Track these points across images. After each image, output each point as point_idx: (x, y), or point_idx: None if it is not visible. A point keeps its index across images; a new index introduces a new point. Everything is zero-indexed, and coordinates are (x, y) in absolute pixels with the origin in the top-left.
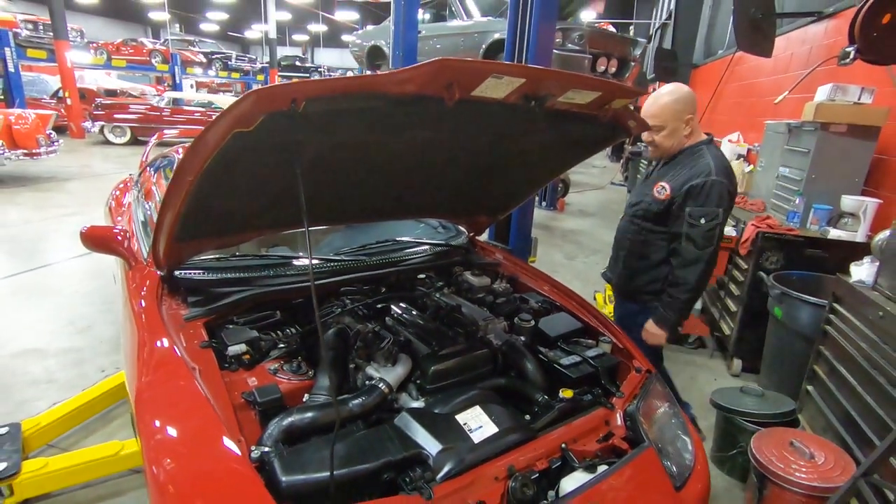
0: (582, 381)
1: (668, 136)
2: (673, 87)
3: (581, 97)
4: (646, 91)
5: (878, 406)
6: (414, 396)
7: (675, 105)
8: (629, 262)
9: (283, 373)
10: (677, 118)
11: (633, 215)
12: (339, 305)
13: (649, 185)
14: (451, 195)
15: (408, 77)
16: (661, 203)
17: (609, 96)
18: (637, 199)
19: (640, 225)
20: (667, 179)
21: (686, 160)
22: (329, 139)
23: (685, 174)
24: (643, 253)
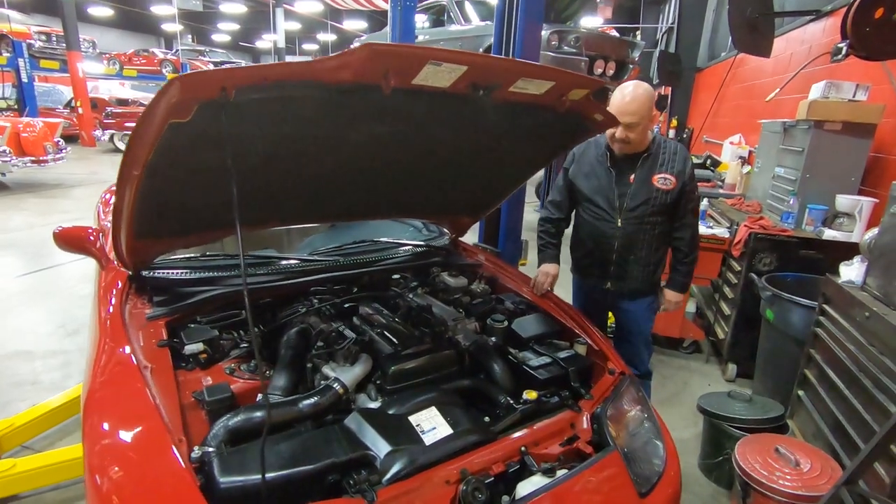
0: (550, 383)
1: (640, 132)
2: (643, 85)
3: (534, 87)
4: (604, 82)
5: (864, 411)
6: (372, 397)
7: (649, 102)
8: (646, 261)
9: (239, 372)
10: (650, 114)
11: (641, 216)
12: (306, 305)
13: (643, 184)
14: (425, 194)
15: (341, 63)
16: (669, 193)
17: (564, 86)
18: (638, 201)
19: (653, 222)
20: (661, 171)
21: (658, 149)
22: (276, 132)
23: (676, 159)
24: (658, 246)
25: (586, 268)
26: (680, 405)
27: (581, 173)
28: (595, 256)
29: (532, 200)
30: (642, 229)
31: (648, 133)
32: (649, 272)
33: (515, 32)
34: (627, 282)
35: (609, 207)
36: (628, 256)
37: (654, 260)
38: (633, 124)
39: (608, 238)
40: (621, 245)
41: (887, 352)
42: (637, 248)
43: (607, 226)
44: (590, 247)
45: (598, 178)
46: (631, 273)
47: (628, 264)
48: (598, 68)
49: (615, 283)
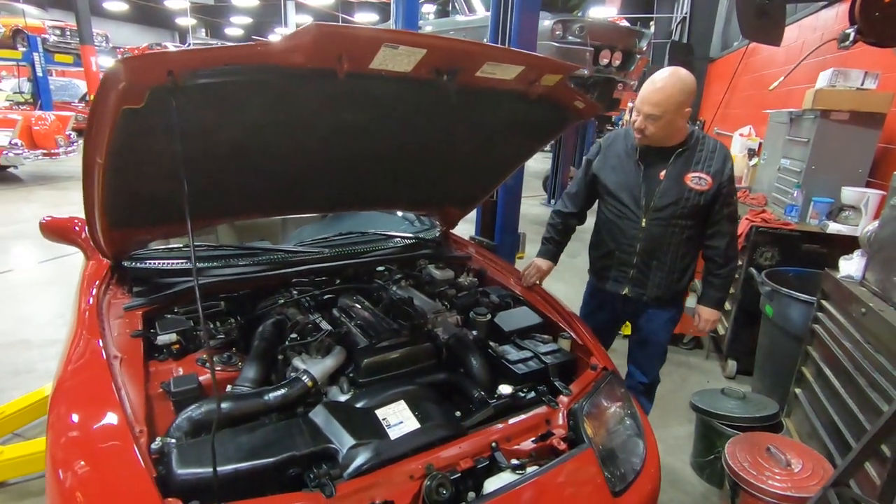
0: (529, 378)
1: (662, 127)
2: (680, 75)
3: (503, 72)
4: (575, 66)
5: (859, 411)
6: (344, 390)
7: (680, 96)
8: (670, 267)
9: (212, 363)
10: (678, 111)
11: (669, 217)
12: (286, 296)
13: (674, 182)
14: (408, 186)
15: (290, 46)
16: (703, 195)
17: (535, 70)
18: (667, 200)
19: (682, 225)
20: (696, 169)
21: (696, 145)
22: (240, 119)
23: (714, 158)
24: (685, 252)
25: (603, 270)
26: (676, 402)
27: (607, 166)
28: (614, 258)
29: (538, 194)
30: (669, 232)
31: (685, 126)
32: (672, 280)
33: (511, 21)
34: (648, 289)
35: (634, 205)
36: (650, 261)
37: (680, 267)
38: (654, 117)
39: (630, 239)
40: (644, 247)
41: (883, 349)
42: (661, 253)
43: (630, 225)
44: (610, 247)
45: (624, 172)
46: (652, 279)
47: (650, 269)
48: (604, 58)
49: (633, 289)
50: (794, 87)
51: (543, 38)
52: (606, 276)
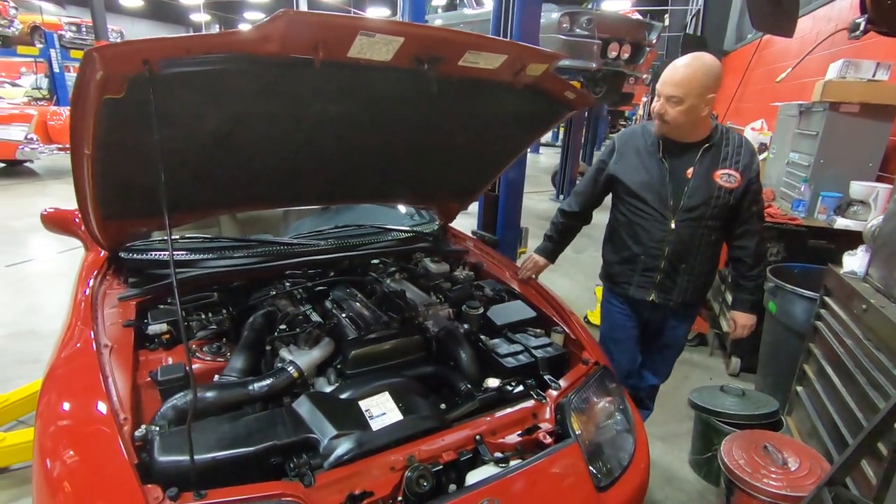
0: (518, 372)
1: (684, 112)
2: (705, 59)
3: (485, 61)
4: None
5: (858, 410)
6: (331, 381)
7: (704, 79)
8: (698, 271)
9: (201, 353)
10: (701, 94)
11: (699, 218)
12: (278, 288)
13: (704, 180)
14: (403, 178)
15: (263, 34)
16: (733, 192)
17: (518, 60)
18: (698, 200)
19: (711, 226)
20: (725, 166)
21: (721, 139)
22: (225, 110)
23: (741, 153)
24: (712, 255)
25: (623, 275)
26: (677, 399)
27: (626, 165)
28: (638, 263)
29: (547, 189)
30: (699, 233)
31: (709, 118)
32: (699, 284)
33: (513, 12)
34: (674, 294)
35: (660, 206)
36: (679, 265)
37: (706, 270)
38: (675, 98)
39: (657, 242)
40: (673, 251)
41: (883, 347)
42: (689, 256)
43: (657, 227)
44: (634, 251)
45: (647, 170)
46: (680, 284)
47: (678, 274)
48: (613, 51)
49: (660, 294)
50: (806, 80)
51: (550, 30)
52: (628, 281)
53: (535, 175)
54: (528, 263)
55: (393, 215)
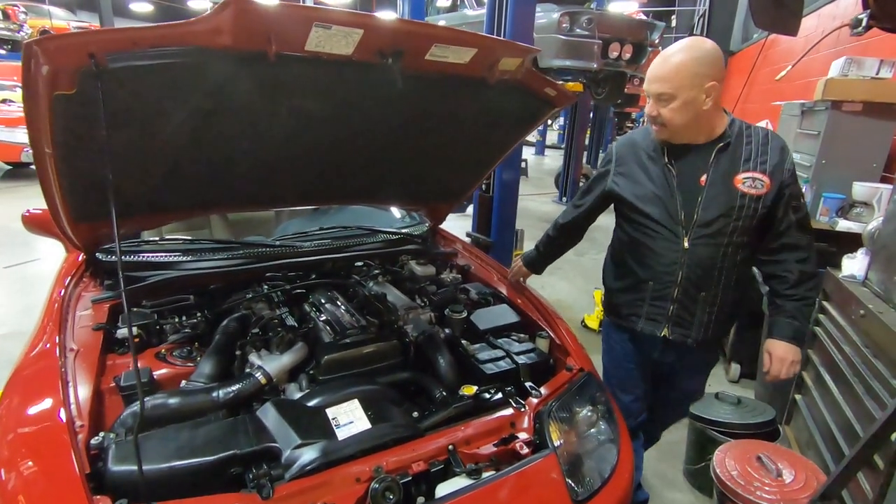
0: (498, 378)
1: (679, 109)
2: (690, 42)
3: (454, 55)
4: (533, 49)
5: (855, 419)
6: (303, 387)
7: (694, 66)
8: (720, 301)
9: (171, 358)
10: (696, 84)
11: (718, 233)
12: (256, 291)
13: (721, 187)
14: (383, 179)
15: (213, 26)
16: (760, 199)
17: (490, 53)
18: (715, 212)
19: (736, 243)
20: (747, 168)
21: (741, 136)
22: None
23: (768, 150)
24: (738, 279)
25: (628, 305)
26: None
27: (625, 175)
28: (647, 291)
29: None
30: (721, 253)
31: (719, 111)
32: (723, 316)
33: (506, 12)
34: (693, 329)
35: (669, 221)
36: (697, 293)
37: (730, 300)
38: (666, 97)
39: (668, 265)
40: (688, 276)
41: (881, 354)
42: (709, 281)
43: (668, 247)
44: (641, 276)
45: (650, 179)
46: (699, 317)
47: (696, 304)
48: (614, 52)
49: (675, 329)
50: (810, 79)
51: (550, 30)
52: (636, 313)
53: (538, 177)
54: (515, 267)
55: (384, 217)
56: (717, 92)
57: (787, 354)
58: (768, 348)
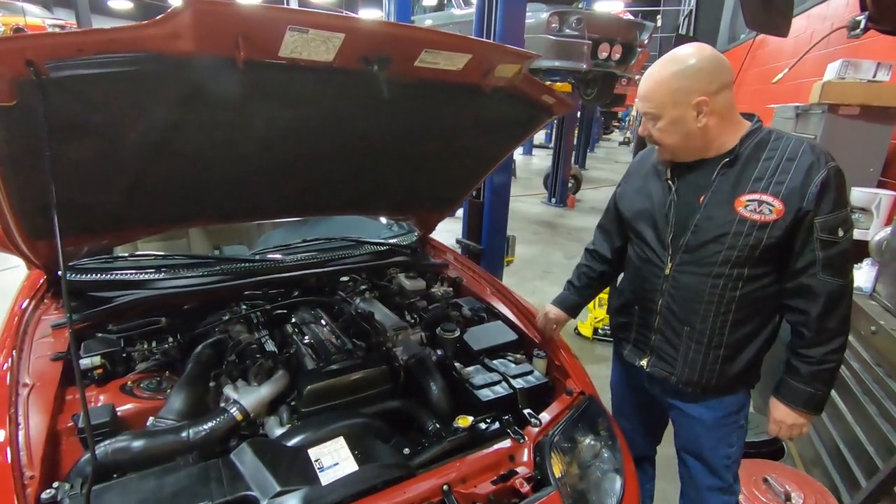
0: (495, 406)
1: (666, 129)
2: (677, 55)
3: (446, 61)
4: (533, 55)
5: (867, 440)
6: (284, 422)
7: (673, 82)
8: (712, 338)
9: (138, 391)
10: (680, 101)
11: (707, 261)
12: (232, 312)
13: (719, 209)
14: (372, 189)
15: (171, 30)
16: (767, 228)
17: (485, 60)
18: (706, 236)
19: (732, 275)
20: (755, 189)
21: (757, 151)
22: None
23: (790, 169)
24: (744, 317)
25: (620, 329)
26: None
27: (630, 189)
28: (633, 315)
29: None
30: (709, 284)
31: (733, 126)
32: (714, 359)
33: (496, 12)
34: (676, 367)
35: (657, 243)
36: (680, 327)
37: (730, 341)
38: (651, 116)
39: (650, 291)
40: (668, 305)
41: (895, 374)
42: (693, 315)
43: (651, 271)
44: (628, 297)
45: (649, 196)
46: (683, 354)
47: (679, 338)
48: (603, 52)
49: (656, 363)
50: (802, 81)
51: (539, 30)
52: (625, 338)
53: (527, 178)
54: (541, 318)
55: (370, 226)
56: (711, 107)
57: (787, 418)
58: (770, 405)
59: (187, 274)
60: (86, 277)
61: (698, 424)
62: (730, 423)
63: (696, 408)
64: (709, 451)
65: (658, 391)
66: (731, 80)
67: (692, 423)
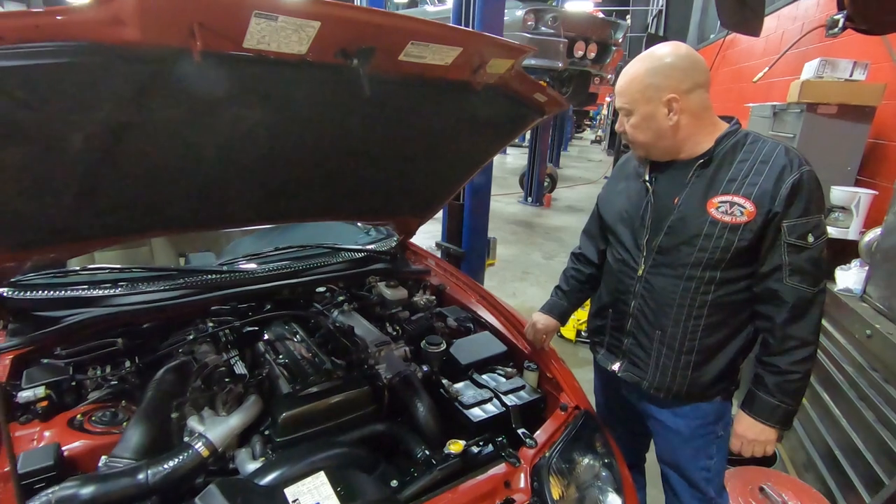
0: (487, 427)
1: (638, 125)
2: (652, 51)
3: (434, 54)
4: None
5: (864, 446)
6: (257, 454)
7: (645, 77)
8: (683, 343)
9: (90, 424)
10: (651, 97)
11: (679, 263)
12: (198, 330)
13: (692, 210)
14: (349, 193)
15: (113, 14)
16: (739, 230)
17: (476, 54)
18: (678, 238)
19: (703, 277)
20: (728, 190)
21: (731, 153)
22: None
23: (764, 171)
24: (717, 322)
25: (595, 332)
26: None
27: (609, 191)
28: (608, 318)
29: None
30: (681, 286)
31: (710, 127)
32: (685, 364)
33: (474, 7)
34: (648, 372)
35: (632, 244)
36: (652, 331)
37: (702, 347)
38: (625, 112)
39: (624, 293)
40: (640, 308)
41: (892, 379)
42: (665, 320)
43: (625, 272)
44: (604, 300)
45: (628, 197)
46: (655, 359)
47: (651, 342)
48: (579, 50)
49: (629, 368)
50: (774, 80)
51: (515, 28)
52: (600, 341)
53: (502, 177)
54: (529, 329)
55: (347, 231)
56: (683, 105)
57: (749, 432)
58: (736, 424)
59: (147, 288)
60: (30, 295)
61: (674, 435)
62: (707, 433)
63: (671, 416)
64: (687, 463)
65: (634, 398)
66: (705, 80)
67: (668, 434)
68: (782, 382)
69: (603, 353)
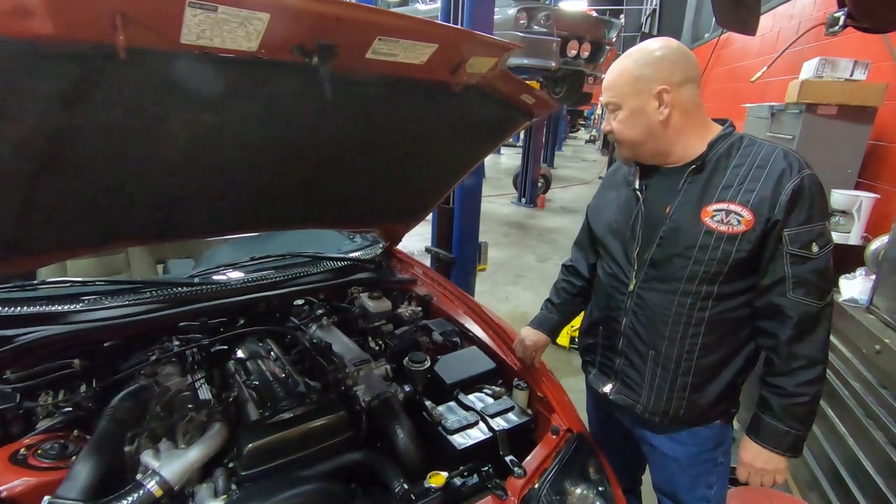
0: (472, 455)
1: (627, 120)
2: (640, 45)
3: (406, 52)
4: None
5: (871, 466)
6: (219, 490)
7: (635, 69)
8: (679, 364)
9: (35, 459)
10: (639, 91)
11: (672, 277)
12: (163, 350)
13: (685, 220)
14: (331, 200)
15: (16, 4)
16: (736, 240)
17: (454, 51)
18: (671, 250)
19: (699, 292)
20: (723, 198)
21: (726, 158)
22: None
23: (761, 177)
24: (716, 340)
25: (588, 351)
26: None
27: (599, 202)
28: (598, 336)
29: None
30: (675, 302)
31: (701, 129)
32: (686, 386)
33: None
34: (642, 394)
35: (622, 257)
36: (646, 350)
37: (700, 367)
38: (611, 106)
39: (615, 309)
40: (632, 325)
41: None
42: (659, 337)
43: (616, 287)
44: (595, 317)
45: (618, 206)
46: (649, 381)
47: (645, 363)
48: (572, 50)
49: (622, 389)
50: (771, 80)
51: (507, 27)
52: (591, 361)
53: (496, 177)
54: (517, 345)
55: (329, 238)
56: (674, 98)
57: (757, 461)
58: (741, 444)
59: (111, 303)
60: None
61: (671, 462)
62: (706, 460)
63: (668, 443)
64: (685, 492)
65: (628, 422)
66: (697, 75)
67: (665, 461)
68: (790, 406)
69: (594, 374)
